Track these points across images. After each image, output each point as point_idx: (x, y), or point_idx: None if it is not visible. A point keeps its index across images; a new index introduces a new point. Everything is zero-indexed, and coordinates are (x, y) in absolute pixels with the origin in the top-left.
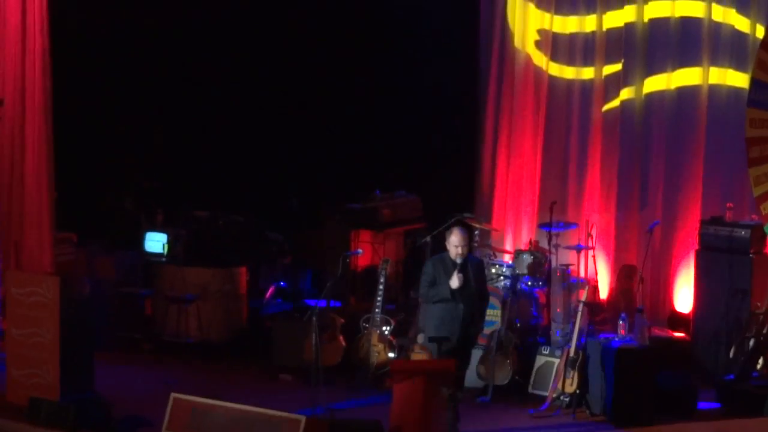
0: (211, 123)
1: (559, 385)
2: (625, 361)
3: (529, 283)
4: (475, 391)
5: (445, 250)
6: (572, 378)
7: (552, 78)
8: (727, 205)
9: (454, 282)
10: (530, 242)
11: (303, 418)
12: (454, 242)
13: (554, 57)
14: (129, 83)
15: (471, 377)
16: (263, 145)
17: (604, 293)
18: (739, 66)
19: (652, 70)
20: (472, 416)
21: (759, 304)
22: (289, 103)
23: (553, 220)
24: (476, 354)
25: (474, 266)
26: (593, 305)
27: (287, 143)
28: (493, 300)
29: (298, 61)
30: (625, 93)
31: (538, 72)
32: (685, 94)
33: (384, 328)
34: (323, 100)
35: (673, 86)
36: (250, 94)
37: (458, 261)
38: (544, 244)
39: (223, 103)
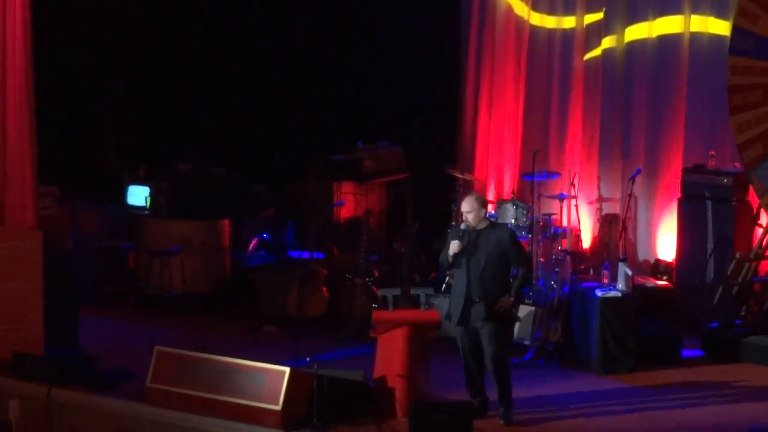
0: (193, 75)
1: (543, 335)
2: (608, 309)
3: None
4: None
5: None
6: (556, 327)
7: (533, 27)
8: (710, 153)
9: (450, 248)
10: (513, 192)
11: (287, 369)
12: (462, 208)
13: (535, 6)
14: (111, 36)
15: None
16: (245, 97)
17: (586, 242)
18: (720, 13)
19: (633, 18)
20: (456, 366)
21: (742, 251)
22: (271, 55)
23: (536, 169)
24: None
25: (494, 235)
26: (576, 254)
27: (269, 95)
28: None
29: (279, 14)
30: (607, 42)
31: (519, 22)
32: (667, 42)
33: (367, 279)
34: (304, 52)
35: (654, 34)
36: (232, 47)
37: (462, 227)
38: (526, 193)
39: (205, 56)
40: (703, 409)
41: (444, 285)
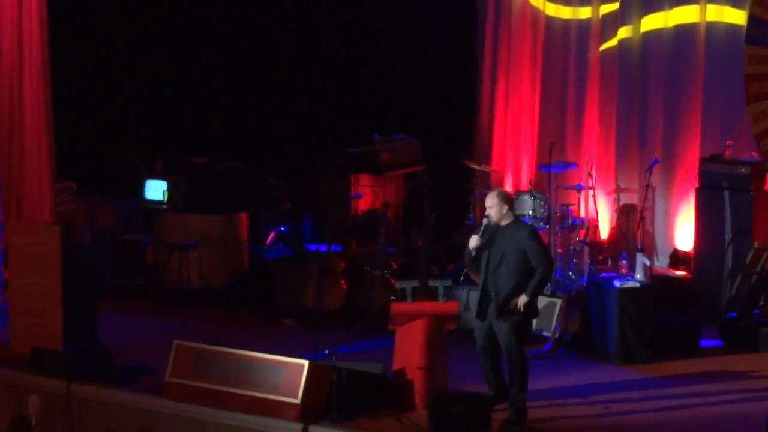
0: (209, 69)
1: (562, 325)
2: (626, 300)
3: (530, 223)
4: None
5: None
6: (574, 318)
7: (549, 18)
8: (727, 142)
9: (469, 242)
10: (530, 183)
11: (306, 363)
12: (485, 203)
13: None
14: (127, 30)
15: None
16: (262, 91)
17: (604, 233)
18: (735, 3)
19: (649, 8)
20: (475, 358)
21: (760, 240)
22: (287, 48)
23: (553, 160)
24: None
25: (514, 233)
26: (594, 245)
27: (286, 88)
28: None
29: (295, 7)
30: (623, 32)
31: (535, 12)
32: (683, 32)
33: (385, 271)
34: (321, 44)
35: (670, 24)
36: (249, 39)
37: (483, 223)
38: (543, 184)
39: (222, 49)
40: (721, 399)
41: (462, 276)
